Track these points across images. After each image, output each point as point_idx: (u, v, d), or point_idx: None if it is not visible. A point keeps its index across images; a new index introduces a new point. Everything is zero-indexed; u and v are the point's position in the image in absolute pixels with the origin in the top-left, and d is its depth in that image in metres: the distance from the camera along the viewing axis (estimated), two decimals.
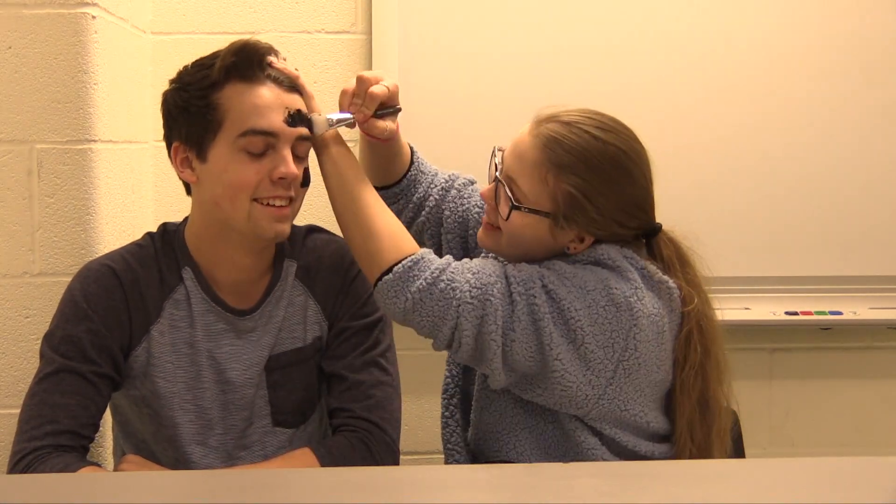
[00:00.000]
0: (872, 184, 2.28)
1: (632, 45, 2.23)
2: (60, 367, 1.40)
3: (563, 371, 1.38)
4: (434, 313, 1.36)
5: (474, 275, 1.38)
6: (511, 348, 1.38)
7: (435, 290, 1.36)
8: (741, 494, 1.08)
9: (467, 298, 1.36)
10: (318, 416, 1.59)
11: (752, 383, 1.56)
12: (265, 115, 1.40)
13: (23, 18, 1.74)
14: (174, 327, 1.47)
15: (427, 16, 2.22)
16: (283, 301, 1.52)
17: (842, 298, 2.29)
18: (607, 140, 1.43)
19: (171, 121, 1.46)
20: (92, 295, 1.44)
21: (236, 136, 1.40)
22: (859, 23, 2.26)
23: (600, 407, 1.41)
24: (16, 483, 1.23)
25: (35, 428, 1.37)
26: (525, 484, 1.13)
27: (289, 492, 1.10)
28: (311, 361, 1.53)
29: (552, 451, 1.46)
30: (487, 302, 1.37)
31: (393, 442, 1.50)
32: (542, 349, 1.38)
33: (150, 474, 1.42)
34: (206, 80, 1.41)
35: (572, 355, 1.38)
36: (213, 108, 1.40)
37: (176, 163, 1.45)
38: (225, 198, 1.42)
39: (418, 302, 1.35)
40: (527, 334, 1.37)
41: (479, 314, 1.36)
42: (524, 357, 1.38)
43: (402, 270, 1.37)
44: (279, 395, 1.51)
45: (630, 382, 1.42)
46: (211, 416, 1.48)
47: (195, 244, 1.50)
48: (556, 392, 1.40)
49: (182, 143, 1.44)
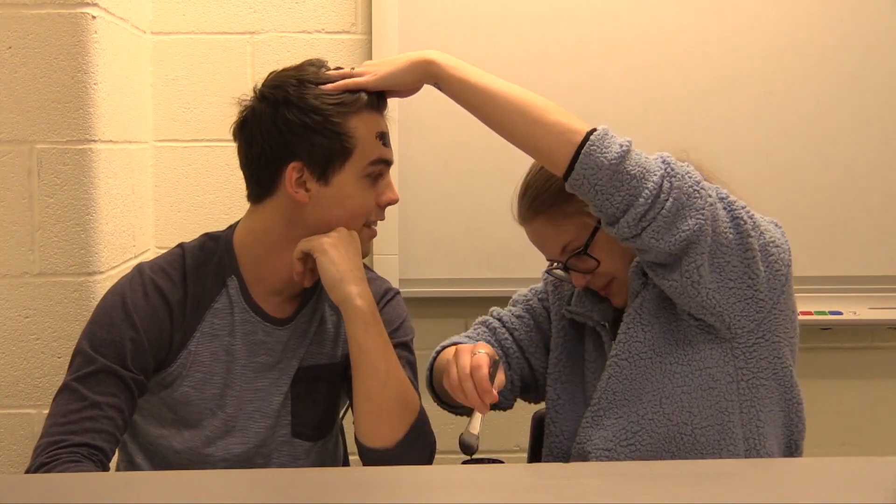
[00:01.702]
0: (872, 184, 2.28)
1: (632, 46, 2.24)
2: (101, 367, 1.39)
3: (755, 255, 1.39)
4: (643, 163, 1.34)
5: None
6: (715, 209, 1.37)
7: (634, 148, 1.36)
8: (742, 494, 1.08)
9: (666, 154, 1.38)
10: (334, 434, 1.60)
11: None
12: (387, 142, 1.46)
13: (23, 18, 1.74)
14: (214, 336, 1.47)
15: (427, 16, 2.22)
16: (316, 314, 1.52)
17: (842, 298, 2.29)
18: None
19: (295, 140, 1.41)
20: (140, 309, 1.43)
21: (367, 163, 1.43)
22: (860, 23, 2.26)
23: (774, 316, 1.43)
24: (19, 483, 1.23)
25: (73, 423, 1.35)
26: (525, 484, 1.13)
27: (289, 491, 1.10)
28: (337, 378, 1.54)
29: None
30: (685, 164, 1.39)
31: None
32: (736, 224, 1.39)
33: (150, 474, 1.42)
34: (345, 105, 1.41)
35: (757, 240, 1.40)
36: (349, 135, 1.41)
37: (290, 181, 1.42)
38: (343, 221, 1.44)
39: (629, 151, 1.34)
40: (723, 206, 1.39)
41: (683, 168, 1.37)
42: (725, 225, 1.38)
43: (603, 128, 1.36)
44: (301, 407, 1.51)
45: (791, 298, 1.45)
46: (235, 423, 1.48)
47: (248, 253, 1.48)
48: (745, 282, 1.40)
49: (303, 163, 1.42)
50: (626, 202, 1.33)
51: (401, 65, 1.43)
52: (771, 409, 1.45)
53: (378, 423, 1.39)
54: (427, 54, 1.43)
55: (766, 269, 1.40)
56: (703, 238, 1.35)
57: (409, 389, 1.42)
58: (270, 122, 1.42)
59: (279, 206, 1.45)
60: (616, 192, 1.33)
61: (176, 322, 1.45)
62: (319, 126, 1.40)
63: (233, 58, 2.24)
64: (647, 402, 1.44)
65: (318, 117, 1.40)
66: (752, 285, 1.40)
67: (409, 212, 2.25)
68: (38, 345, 1.80)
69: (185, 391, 1.46)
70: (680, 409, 1.43)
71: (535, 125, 1.38)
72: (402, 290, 1.65)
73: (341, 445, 1.67)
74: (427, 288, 2.28)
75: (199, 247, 1.51)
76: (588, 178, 1.33)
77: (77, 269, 1.78)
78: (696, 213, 1.34)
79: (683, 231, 1.34)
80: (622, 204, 1.34)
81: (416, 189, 2.25)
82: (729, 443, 1.42)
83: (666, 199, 1.33)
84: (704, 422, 1.42)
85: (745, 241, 1.38)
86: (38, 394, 1.80)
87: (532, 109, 1.38)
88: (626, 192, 1.33)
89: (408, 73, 1.43)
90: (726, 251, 1.38)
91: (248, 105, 1.45)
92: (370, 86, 1.42)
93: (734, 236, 1.38)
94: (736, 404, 1.43)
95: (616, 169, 1.32)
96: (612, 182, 1.33)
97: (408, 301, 1.64)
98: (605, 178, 1.33)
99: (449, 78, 1.42)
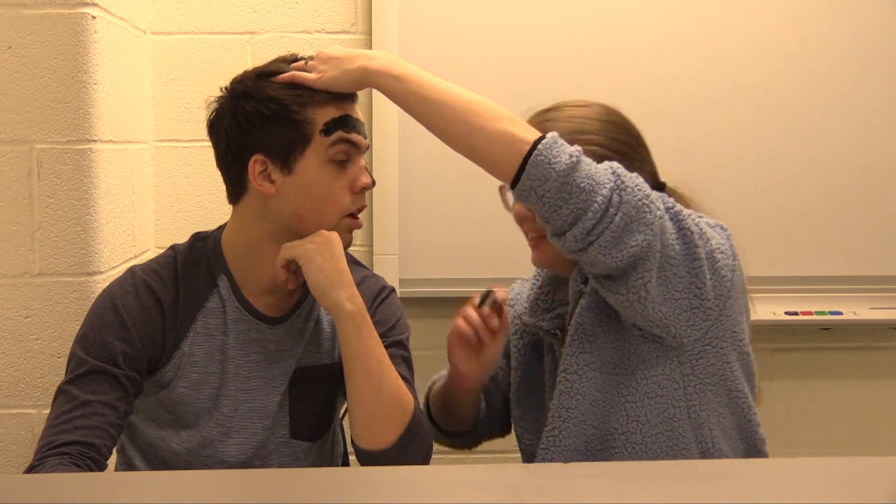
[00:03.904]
0: (872, 184, 2.28)
1: (632, 45, 2.24)
2: (92, 367, 1.40)
3: (702, 265, 1.35)
4: (592, 175, 1.29)
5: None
6: (663, 221, 1.33)
7: (585, 157, 1.32)
8: (741, 494, 1.08)
9: (616, 165, 1.34)
10: (332, 434, 1.60)
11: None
12: (351, 125, 1.43)
13: (23, 18, 1.74)
14: (208, 336, 1.47)
15: (427, 16, 2.22)
16: (312, 314, 1.52)
17: (842, 298, 2.29)
18: (590, 104, 1.52)
19: (253, 131, 1.42)
20: (131, 309, 1.43)
21: (328, 146, 1.41)
22: (860, 22, 2.26)
23: (721, 323, 1.40)
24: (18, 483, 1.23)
25: (64, 423, 1.36)
26: (525, 484, 1.13)
27: (289, 492, 1.10)
28: (335, 379, 1.54)
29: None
30: (634, 175, 1.34)
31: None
32: (683, 234, 1.35)
33: (150, 474, 1.42)
34: (303, 95, 1.40)
35: (703, 248, 1.37)
36: (306, 121, 1.40)
37: (253, 175, 1.42)
38: (313, 210, 1.42)
39: (579, 161, 1.29)
40: (670, 217, 1.35)
41: (633, 180, 1.32)
42: (672, 237, 1.34)
43: (553, 136, 1.32)
44: (300, 407, 1.51)
45: (738, 302, 1.43)
46: (232, 423, 1.48)
47: (235, 253, 1.48)
48: (692, 292, 1.36)
49: (264, 154, 1.42)
50: (574, 215, 1.29)
51: (344, 69, 1.39)
52: (720, 413, 1.44)
53: (372, 426, 1.39)
54: (368, 62, 1.38)
55: (712, 276, 1.38)
56: (651, 254, 1.31)
57: (403, 391, 1.41)
58: (231, 116, 1.43)
59: (252, 204, 1.45)
60: (564, 204, 1.29)
61: (168, 322, 1.45)
62: (276, 115, 1.40)
63: (233, 58, 2.24)
64: (599, 415, 1.44)
65: (275, 106, 1.40)
66: (699, 294, 1.37)
67: (409, 212, 2.25)
68: (38, 345, 1.80)
69: (182, 391, 1.46)
70: (627, 419, 1.42)
71: (479, 134, 1.33)
72: (401, 291, 1.66)
73: (340, 445, 1.67)
74: (427, 288, 2.27)
75: (189, 247, 1.52)
76: (535, 189, 1.29)
77: (77, 269, 1.79)
78: (645, 229, 1.30)
79: (632, 247, 1.30)
80: (570, 217, 1.30)
81: (416, 189, 2.25)
82: (681, 448, 1.41)
83: (615, 213, 1.29)
84: (654, 430, 1.42)
85: (693, 251, 1.35)
86: (38, 394, 1.80)
87: (476, 118, 1.33)
88: (575, 204, 1.29)
89: (348, 80, 1.40)
90: (674, 263, 1.34)
91: (213, 104, 1.46)
92: (315, 86, 1.40)
93: (681, 247, 1.35)
94: (684, 410, 1.42)
95: (564, 181, 1.28)
96: (560, 194, 1.29)
97: (408, 301, 1.64)
98: (552, 190, 1.29)
99: (386, 86, 1.38)
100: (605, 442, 1.44)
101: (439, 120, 1.36)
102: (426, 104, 1.36)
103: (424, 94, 1.36)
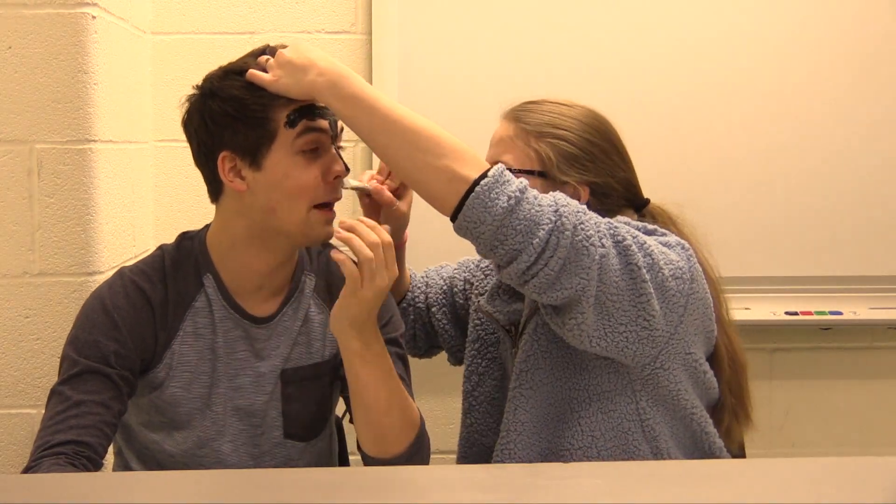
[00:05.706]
0: (872, 184, 2.28)
1: (632, 45, 2.24)
2: (84, 368, 1.40)
3: (649, 298, 1.34)
4: (532, 216, 1.28)
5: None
6: (606, 260, 1.31)
7: (529, 195, 1.30)
8: (741, 494, 1.08)
9: (563, 202, 1.32)
10: (328, 432, 1.60)
11: (752, 383, 1.57)
12: (316, 113, 1.42)
13: (23, 18, 1.74)
14: (198, 335, 1.47)
15: (427, 16, 2.22)
16: (299, 313, 1.52)
17: (842, 298, 2.29)
18: (573, 105, 1.53)
19: (219, 130, 1.42)
20: (121, 309, 1.44)
21: (294, 138, 1.40)
22: (860, 22, 2.26)
23: (671, 346, 1.39)
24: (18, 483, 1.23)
25: (58, 423, 1.36)
26: (525, 484, 1.13)
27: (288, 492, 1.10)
28: (326, 378, 1.54)
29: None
30: (581, 212, 1.32)
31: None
32: (629, 270, 1.33)
33: (148, 474, 1.42)
34: (266, 95, 1.40)
35: (652, 281, 1.35)
36: (270, 118, 1.40)
37: (224, 172, 1.42)
38: (283, 204, 1.41)
39: (520, 201, 1.28)
40: (617, 252, 1.33)
41: (578, 218, 1.31)
42: (616, 275, 1.32)
43: (496, 174, 1.30)
44: (293, 408, 1.51)
45: (693, 324, 1.41)
46: (223, 423, 1.48)
47: (219, 251, 1.49)
48: (638, 324, 1.35)
49: (232, 152, 1.42)
50: (510, 256, 1.29)
51: (296, 79, 1.37)
52: (673, 425, 1.45)
53: (381, 442, 1.40)
54: (317, 77, 1.36)
55: (662, 305, 1.36)
56: (585, 297, 1.31)
57: (410, 409, 1.42)
58: (199, 115, 1.44)
59: (230, 202, 1.46)
60: (500, 245, 1.29)
61: (159, 321, 1.46)
62: (239, 114, 1.40)
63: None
64: (552, 430, 1.45)
65: (238, 105, 1.40)
66: (647, 326, 1.36)
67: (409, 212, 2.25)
68: (38, 345, 1.80)
69: (174, 391, 1.46)
70: (581, 434, 1.43)
71: (421, 170, 1.33)
72: None
73: (337, 444, 1.67)
74: None
75: (176, 247, 1.52)
76: (471, 230, 1.30)
77: (77, 269, 1.79)
78: (582, 272, 1.30)
79: (567, 289, 1.30)
80: (505, 257, 1.30)
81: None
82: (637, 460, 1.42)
83: (551, 255, 1.28)
84: (608, 444, 1.42)
85: (639, 287, 1.34)
86: (39, 394, 1.80)
87: (418, 153, 1.32)
88: (510, 245, 1.28)
89: (298, 90, 1.38)
90: (617, 299, 1.33)
91: (185, 102, 1.46)
92: (269, 90, 1.39)
93: (626, 284, 1.33)
94: (637, 424, 1.42)
95: (500, 223, 1.28)
96: (496, 235, 1.28)
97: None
98: (488, 233, 1.29)
99: (331, 106, 1.38)
100: (560, 456, 1.44)
101: (382, 150, 1.37)
102: (369, 131, 1.36)
103: (367, 121, 1.35)
